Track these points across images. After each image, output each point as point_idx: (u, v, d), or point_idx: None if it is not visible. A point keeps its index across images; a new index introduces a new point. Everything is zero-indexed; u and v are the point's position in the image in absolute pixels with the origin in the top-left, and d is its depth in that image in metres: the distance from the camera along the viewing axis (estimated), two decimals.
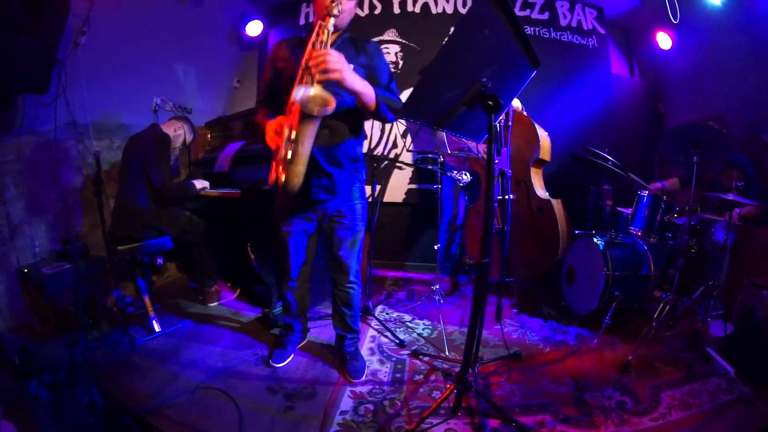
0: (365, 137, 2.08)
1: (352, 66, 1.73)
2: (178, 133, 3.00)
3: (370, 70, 1.91)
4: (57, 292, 2.35)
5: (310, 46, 1.63)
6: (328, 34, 1.62)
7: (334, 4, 1.65)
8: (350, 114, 1.91)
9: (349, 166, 2.00)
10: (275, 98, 1.91)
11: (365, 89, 1.75)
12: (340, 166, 1.96)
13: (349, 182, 2.03)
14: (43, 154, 2.68)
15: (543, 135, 3.07)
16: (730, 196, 2.37)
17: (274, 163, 1.68)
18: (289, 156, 1.60)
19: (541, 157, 3.06)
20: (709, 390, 2.11)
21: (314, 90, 1.57)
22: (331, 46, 1.68)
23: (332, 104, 1.56)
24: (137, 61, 3.18)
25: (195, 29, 3.66)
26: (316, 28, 1.65)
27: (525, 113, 3.27)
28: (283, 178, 1.63)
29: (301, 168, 1.66)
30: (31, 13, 2.13)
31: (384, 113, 1.85)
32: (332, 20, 1.64)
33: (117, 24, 2.92)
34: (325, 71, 1.56)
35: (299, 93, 1.56)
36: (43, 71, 2.36)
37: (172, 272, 3.76)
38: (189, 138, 3.11)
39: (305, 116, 1.57)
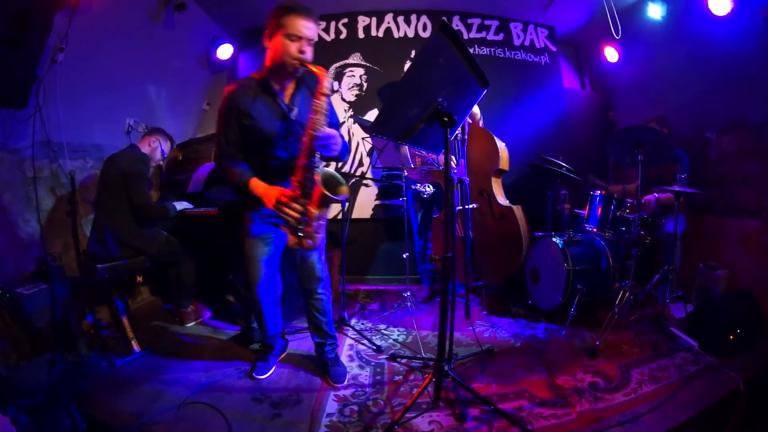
0: None
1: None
2: (154, 146, 3.02)
3: None
4: (33, 313, 2.29)
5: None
6: (322, 111, 1.83)
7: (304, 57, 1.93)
8: None
9: None
10: (243, 151, 2.04)
11: (338, 144, 1.99)
12: None
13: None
14: (15, 172, 2.61)
15: (501, 146, 3.20)
16: (675, 188, 2.60)
17: (287, 228, 1.91)
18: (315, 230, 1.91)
19: (500, 167, 3.20)
20: (676, 364, 2.28)
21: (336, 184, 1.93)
22: (293, 96, 2.05)
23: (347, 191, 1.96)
24: (111, 80, 3.17)
25: (167, 51, 3.69)
26: (314, 107, 1.83)
27: (482, 123, 3.39)
28: (309, 243, 1.91)
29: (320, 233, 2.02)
30: (17, 26, 2.09)
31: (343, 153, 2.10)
32: (325, 99, 1.84)
33: (93, 43, 2.90)
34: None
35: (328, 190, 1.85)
36: (24, 86, 2.32)
37: (145, 296, 3.69)
38: (166, 148, 3.12)
39: (329, 200, 1.88)
